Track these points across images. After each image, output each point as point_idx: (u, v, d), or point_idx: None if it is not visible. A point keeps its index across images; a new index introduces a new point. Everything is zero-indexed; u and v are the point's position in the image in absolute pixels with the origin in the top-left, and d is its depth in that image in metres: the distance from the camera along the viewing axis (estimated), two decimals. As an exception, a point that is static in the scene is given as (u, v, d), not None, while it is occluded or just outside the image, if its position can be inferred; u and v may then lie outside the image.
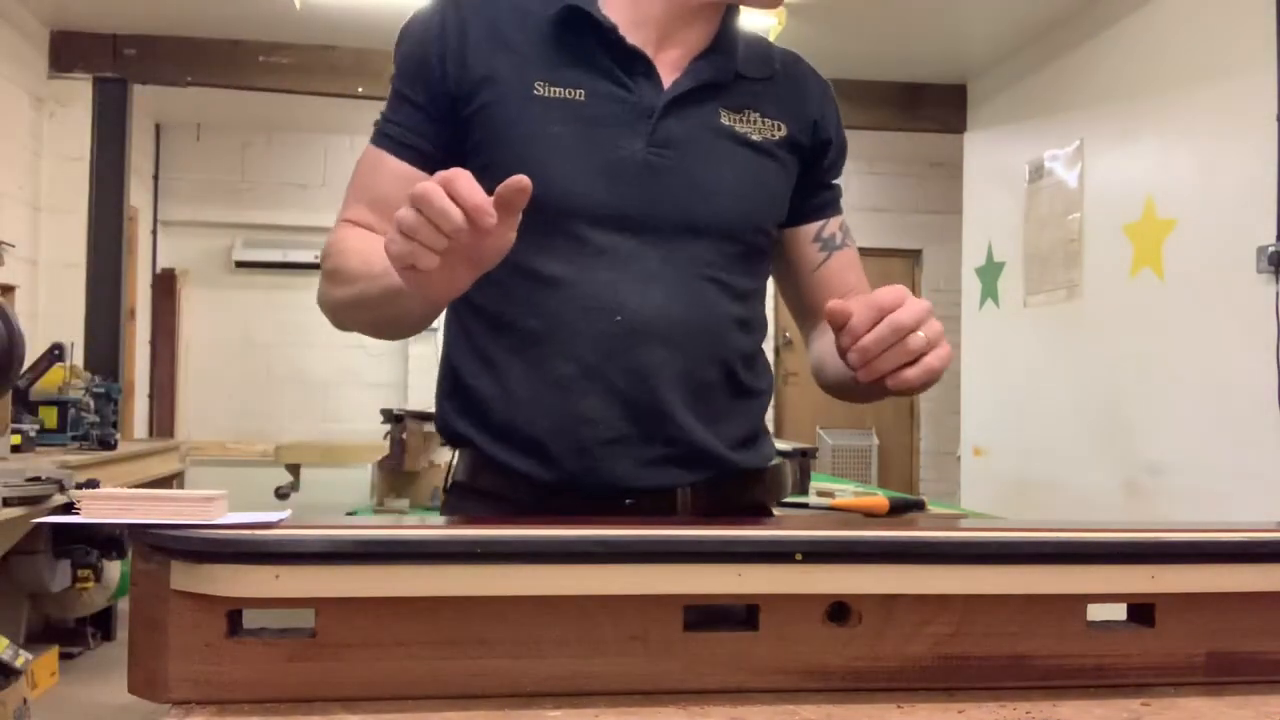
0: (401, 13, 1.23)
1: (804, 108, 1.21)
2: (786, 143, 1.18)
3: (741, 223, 1.15)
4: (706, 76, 1.14)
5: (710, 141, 1.13)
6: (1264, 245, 3.56)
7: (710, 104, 1.14)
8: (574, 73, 1.10)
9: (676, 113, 1.11)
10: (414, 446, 3.07)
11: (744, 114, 1.16)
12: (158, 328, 6.89)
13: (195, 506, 0.75)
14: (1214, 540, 0.84)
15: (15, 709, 2.64)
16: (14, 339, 3.41)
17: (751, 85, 1.17)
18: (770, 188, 1.18)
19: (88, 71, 5.37)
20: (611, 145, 1.09)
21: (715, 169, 1.12)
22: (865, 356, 0.95)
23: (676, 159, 1.11)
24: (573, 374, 1.08)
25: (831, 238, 1.24)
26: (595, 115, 1.09)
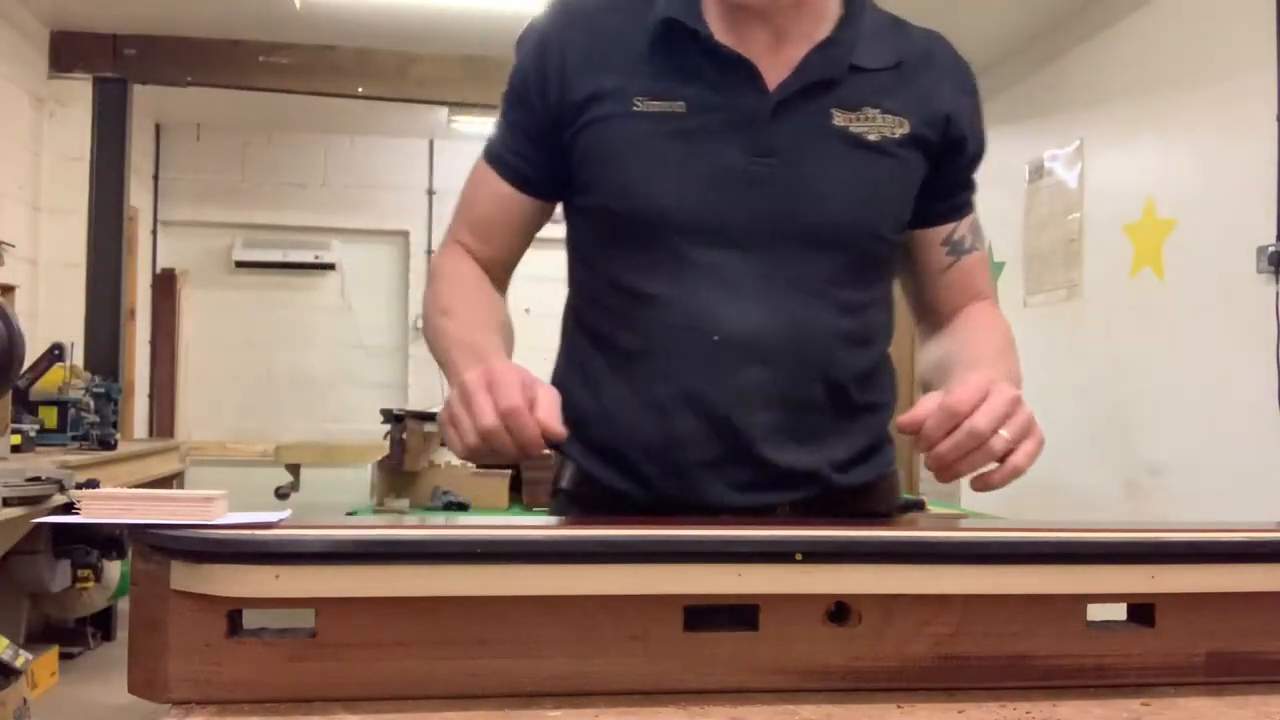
0: (401, 13, 1.25)
1: (934, 100, 1.11)
2: (910, 140, 1.09)
3: (853, 232, 1.08)
4: (816, 74, 1.06)
5: (820, 146, 1.06)
6: (1264, 245, 3.56)
7: (822, 103, 1.06)
8: (674, 84, 1.06)
9: (783, 117, 1.05)
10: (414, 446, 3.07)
11: (860, 111, 1.07)
12: (158, 328, 6.89)
13: (195, 506, 0.75)
14: (1214, 540, 0.84)
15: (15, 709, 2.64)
16: (14, 339, 3.41)
17: (872, 77, 1.08)
18: (888, 192, 1.10)
19: (88, 71, 5.37)
20: (712, 157, 1.05)
21: (825, 175, 1.06)
22: (942, 463, 0.90)
23: (781, 167, 1.05)
24: (669, 394, 1.06)
25: (960, 241, 1.16)
26: (696, 127, 1.05)
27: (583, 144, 1.08)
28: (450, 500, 3.04)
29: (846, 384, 1.10)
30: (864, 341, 1.13)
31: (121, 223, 5.45)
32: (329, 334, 7.31)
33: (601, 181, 1.08)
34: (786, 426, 1.07)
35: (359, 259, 7.34)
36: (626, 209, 1.06)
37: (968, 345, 1.12)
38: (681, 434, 1.06)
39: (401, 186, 7.33)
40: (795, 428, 1.08)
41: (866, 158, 1.07)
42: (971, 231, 1.18)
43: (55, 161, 5.32)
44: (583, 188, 1.10)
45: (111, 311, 5.37)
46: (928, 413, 0.90)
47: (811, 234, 1.06)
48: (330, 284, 7.33)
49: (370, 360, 7.33)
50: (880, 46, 1.10)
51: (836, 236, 1.07)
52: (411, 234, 7.33)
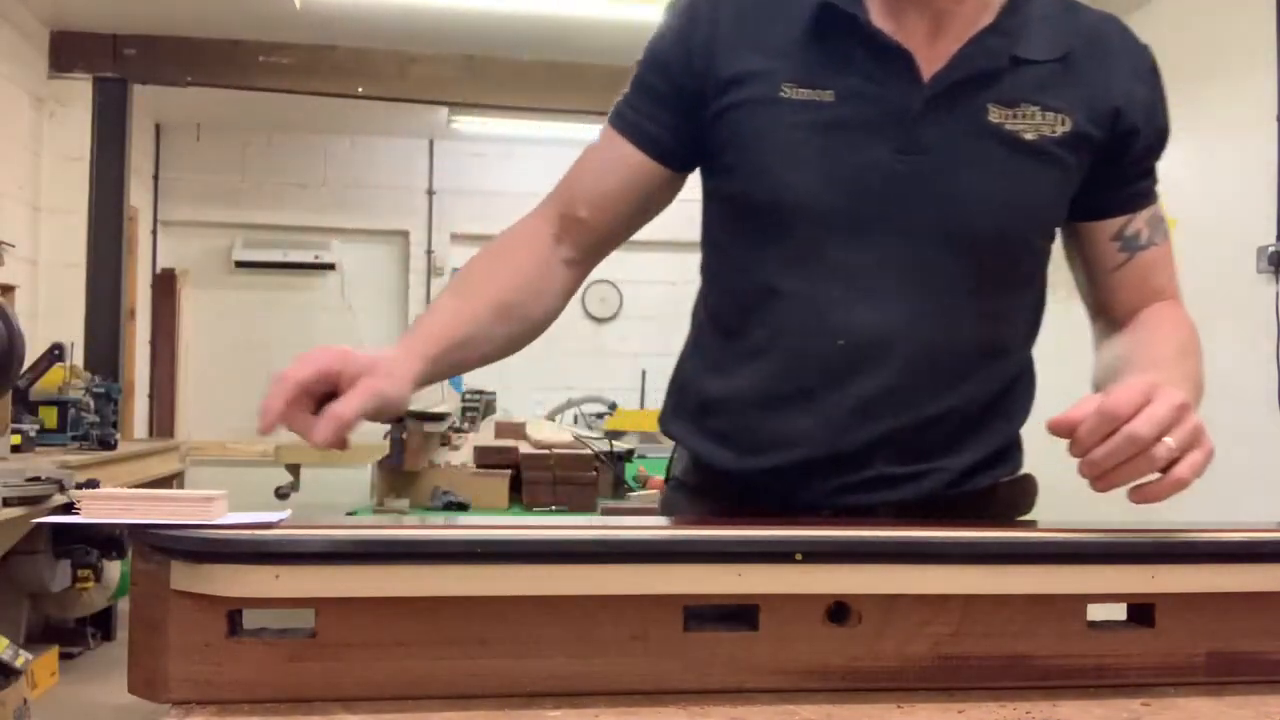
0: (401, 13, 1.23)
1: (1103, 92, 1.03)
2: (1071, 139, 1.02)
3: (1000, 239, 1.02)
4: (974, 67, 0.99)
5: (972, 145, 1.00)
6: (1264, 245, 3.56)
7: (978, 98, 1.00)
8: (825, 72, 1.00)
9: (936, 112, 0.99)
10: (414, 446, 3.07)
11: (1018, 108, 1.00)
12: (158, 328, 6.89)
13: (195, 506, 0.75)
14: (1214, 540, 0.84)
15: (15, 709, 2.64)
16: (14, 339, 3.41)
17: (1035, 70, 1.01)
18: (1041, 197, 1.04)
19: (88, 71, 5.36)
20: (857, 151, 0.99)
21: (974, 177, 1.00)
22: (1096, 470, 0.83)
23: (930, 166, 0.99)
24: (789, 394, 1.04)
25: (1135, 236, 1.08)
26: (842, 118, 1.00)
27: (725, 127, 1.04)
28: (450, 500, 3.04)
29: (978, 397, 1.06)
30: (1002, 352, 1.08)
31: (121, 223, 5.45)
32: (329, 334, 7.30)
33: (741, 168, 1.03)
34: (906, 437, 1.03)
35: (359, 259, 7.34)
36: (764, 199, 1.03)
37: (1142, 347, 1.05)
38: (795, 436, 1.03)
39: (401, 186, 7.33)
40: (916, 439, 1.03)
41: (1021, 159, 1.01)
42: (1149, 225, 1.09)
43: (55, 161, 5.32)
44: (722, 172, 1.07)
45: (111, 311, 5.37)
46: (1083, 415, 0.83)
47: (955, 239, 1.01)
48: (330, 284, 7.33)
49: (370, 360, 7.32)
50: (1046, 35, 1.02)
51: (981, 243, 1.01)
52: (411, 234, 7.33)
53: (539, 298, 1.09)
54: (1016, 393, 1.11)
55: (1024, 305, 1.10)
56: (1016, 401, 1.12)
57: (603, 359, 7.68)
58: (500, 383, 6.90)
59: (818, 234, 1.01)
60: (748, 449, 1.07)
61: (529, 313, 1.08)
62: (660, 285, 7.83)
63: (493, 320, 1.04)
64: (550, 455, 3.17)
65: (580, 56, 5.38)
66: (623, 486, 3.33)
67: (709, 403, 1.10)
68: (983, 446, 1.08)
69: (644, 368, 7.65)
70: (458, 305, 1.04)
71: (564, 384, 7.40)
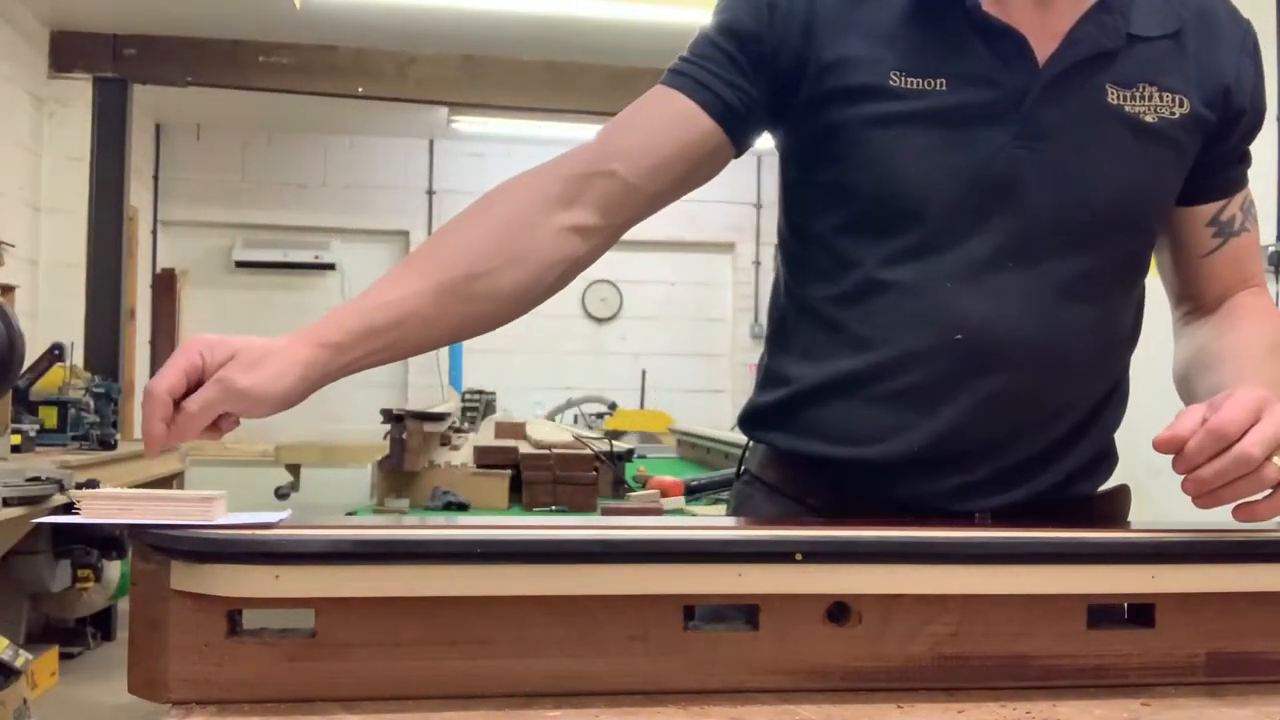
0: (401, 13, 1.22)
1: (1214, 71, 0.99)
2: (1189, 121, 0.98)
3: (1123, 227, 0.98)
4: (1090, 47, 0.95)
5: (1093, 129, 0.95)
6: (1264, 245, 3.56)
7: (1096, 79, 0.95)
8: (935, 59, 0.95)
9: (1053, 96, 0.95)
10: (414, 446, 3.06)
11: (1137, 89, 0.96)
12: (158, 328, 6.89)
13: (195, 506, 0.75)
14: (1214, 540, 0.84)
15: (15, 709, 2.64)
16: (14, 339, 3.41)
17: (1149, 48, 0.97)
18: (1163, 184, 1.00)
19: (88, 71, 5.37)
20: (974, 141, 0.95)
21: (1097, 163, 0.96)
22: (1203, 489, 0.82)
23: (1050, 153, 0.95)
24: (896, 389, 0.98)
25: (1229, 221, 1.04)
26: (957, 107, 0.95)
27: (830, 114, 0.98)
28: (450, 500, 3.03)
29: (1089, 396, 1.03)
30: (1111, 350, 1.04)
31: (121, 223, 5.46)
32: (329, 334, 7.30)
33: (850, 158, 0.97)
34: (1018, 438, 0.99)
35: (359, 259, 7.35)
36: (878, 191, 0.97)
37: (1232, 346, 1.01)
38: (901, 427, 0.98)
39: (401, 186, 7.34)
40: (1028, 440, 0.99)
41: (1143, 143, 0.96)
42: (1243, 210, 1.05)
43: (55, 161, 5.33)
44: (826, 161, 1.00)
45: (111, 311, 5.38)
46: (1190, 430, 0.81)
47: (1077, 229, 0.96)
48: (330, 284, 7.34)
49: (370, 360, 7.33)
50: (1157, 10, 0.98)
51: (1104, 232, 0.97)
52: (411, 234, 7.33)
53: (512, 266, 0.95)
54: (1116, 397, 1.08)
55: (1131, 303, 1.05)
56: (1116, 406, 1.08)
57: (603, 359, 7.69)
58: (500, 383, 6.91)
59: (934, 226, 0.96)
60: (847, 439, 1.00)
61: (496, 286, 0.95)
62: (660, 285, 7.84)
63: (440, 297, 0.93)
64: (550, 455, 3.17)
65: (580, 56, 5.38)
66: (623, 486, 3.33)
67: (803, 393, 1.03)
68: (1088, 449, 1.05)
69: (644, 368, 7.66)
70: (398, 279, 0.94)
71: (564, 384, 7.41)
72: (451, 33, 5.27)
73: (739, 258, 7.88)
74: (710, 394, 7.78)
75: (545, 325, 7.52)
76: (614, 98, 5.95)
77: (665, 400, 7.41)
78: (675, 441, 5.41)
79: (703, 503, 3.21)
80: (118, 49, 5.38)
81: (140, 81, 5.49)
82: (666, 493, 3.16)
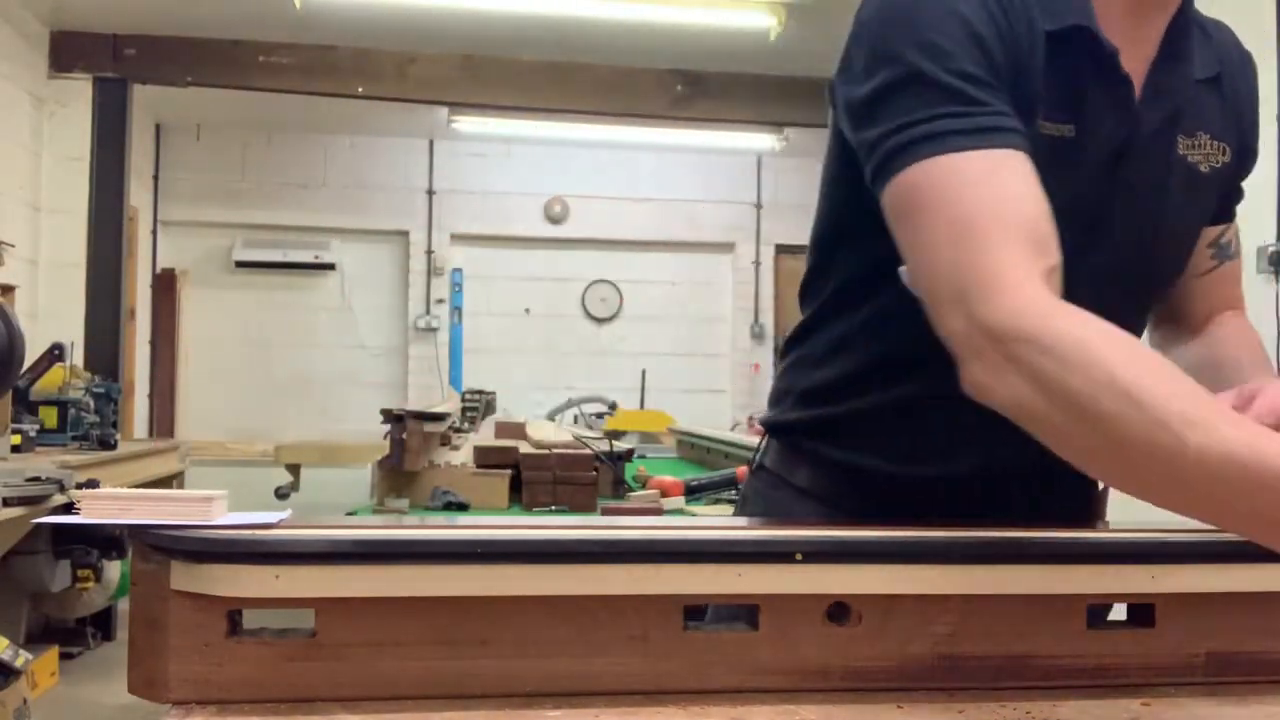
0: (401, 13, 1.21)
1: (1238, 115, 1.01)
2: (1228, 168, 1.00)
3: (1172, 273, 1.02)
4: (1174, 102, 0.94)
5: (1166, 181, 0.96)
6: (1264, 245, 3.56)
7: (1171, 130, 0.95)
8: (1069, 103, 0.91)
9: (1142, 147, 0.94)
10: (414, 446, 3.06)
11: (1195, 138, 0.97)
12: (158, 328, 6.89)
13: (195, 506, 0.75)
14: (1214, 540, 0.84)
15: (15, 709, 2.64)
16: (14, 339, 3.41)
17: (1202, 91, 0.97)
18: (1200, 224, 1.03)
19: (88, 71, 5.37)
20: (1083, 184, 0.92)
21: (1163, 212, 0.96)
22: None
23: (1132, 202, 0.95)
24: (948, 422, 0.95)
25: (1227, 245, 1.07)
26: (1079, 155, 0.92)
27: None
28: (450, 500, 3.03)
29: None
30: None
31: (121, 223, 5.46)
32: (329, 334, 7.31)
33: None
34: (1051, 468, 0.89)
35: (359, 259, 7.35)
36: None
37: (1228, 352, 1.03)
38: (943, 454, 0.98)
39: (401, 186, 7.34)
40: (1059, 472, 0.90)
41: (1197, 194, 0.98)
42: (1236, 236, 1.09)
43: (55, 161, 5.33)
44: None
45: (111, 311, 5.38)
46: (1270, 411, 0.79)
47: (1138, 276, 0.98)
48: (330, 284, 7.34)
49: (370, 360, 7.34)
50: (1203, 50, 0.97)
51: (1157, 278, 1.01)
52: (411, 234, 7.33)
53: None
54: None
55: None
56: None
57: (603, 359, 7.68)
58: (500, 383, 6.91)
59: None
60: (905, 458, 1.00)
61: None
62: (660, 285, 7.83)
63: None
64: (550, 455, 3.17)
65: (580, 56, 5.38)
66: (623, 486, 3.33)
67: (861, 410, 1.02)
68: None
69: (644, 368, 7.65)
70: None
71: (564, 384, 7.41)
72: (451, 33, 5.27)
73: (739, 258, 7.87)
74: (710, 394, 7.78)
75: (545, 325, 7.53)
76: (614, 98, 5.96)
77: (665, 400, 7.41)
78: (675, 441, 5.41)
79: (703, 503, 3.21)
80: (118, 49, 5.38)
81: (140, 81, 5.49)
82: (666, 493, 3.16)
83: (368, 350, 7.33)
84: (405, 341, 7.33)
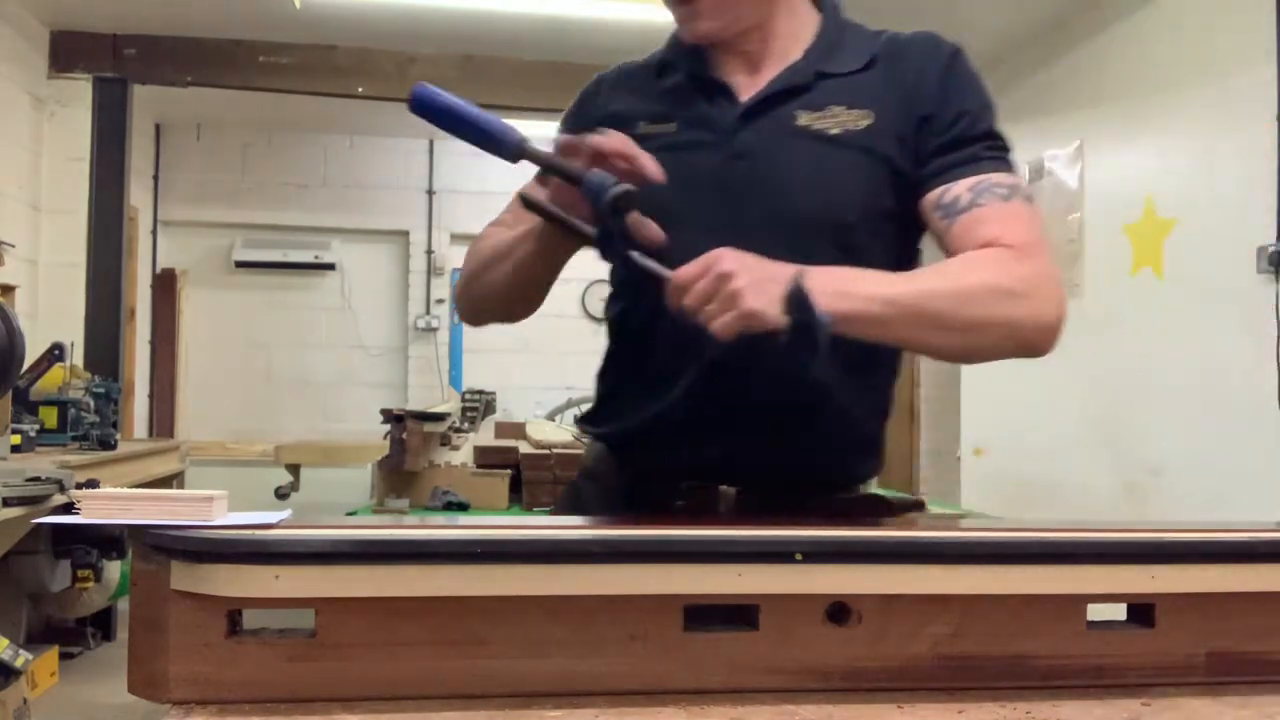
0: (401, 13, 1.25)
1: (900, 86, 1.20)
2: (874, 130, 1.18)
3: (817, 219, 1.16)
4: (781, 85, 1.20)
5: (785, 144, 1.18)
6: (1264, 245, 3.56)
7: (788, 108, 1.19)
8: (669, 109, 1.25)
9: (752, 124, 1.19)
10: (414, 446, 3.07)
11: (825, 110, 1.19)
12: (158, 328, 6.89)
13: (195, 506, 0.75)
14: (1214, 540, 0.84)
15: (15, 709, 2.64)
16: (14, 339, 3.41)
17: (840, 80, 1.21)
18: (850, 180, 1.18)
19: (88, 71, 5.36)
20: (694, 164, 1.18)
21: (787, 169, 1.17)
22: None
23: (751, 167, 1.18)
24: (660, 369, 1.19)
25: (952, 203, 1.17)
26: (684, 141, 1.21)
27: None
28: (450, 500, 3.04)
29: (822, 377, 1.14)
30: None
31: (121, 223, 5.45)
32: (329, 334, 7.31)
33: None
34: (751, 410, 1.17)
35: (359, 259, 7.34)
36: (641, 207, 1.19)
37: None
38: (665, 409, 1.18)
39: (401, 186, 7.33)
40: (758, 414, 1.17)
41: (828, 150, 1.17)
42: (973, 191, 1.17)
43: (55, 161, 5.32)
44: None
45: (111, 311, 5.37)
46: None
47: (776, 221, 1.15)
48: (330, 284, 7.33)
49: (370, 360, 7.33)
50: (852, 54, 1.23)
51: (800, 224, 1.16)
52: (411, 234, 7.33)
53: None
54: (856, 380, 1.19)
55: None
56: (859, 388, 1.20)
57: (602, 359, 7.67)
58: (500, 383, 6.90)
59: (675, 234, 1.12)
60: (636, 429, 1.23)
61: None
62: (660, 285, 7.81)
63: None
64: (550, 455, 3.17)
65: (580, 56, 5.38)
66: (623, 486, 3.33)
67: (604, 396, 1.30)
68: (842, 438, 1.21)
69: (644, 368, 7.64)
70: None
71: (564, 384, 7.40)
72: (451, 33, 5.27)
73: (739, 258, 7.86)
74: (710, 394, 7.76)
75: (545, 325, 7.52)
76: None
77: (665, 400, 7.38)
78: (675, 441, 5.39)
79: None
80: (118, 49, 5.37)
81: (140, 81, 5.48)
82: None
83: (368, 350, 7.33)
84: (405, 341, 7.33)
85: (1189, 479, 3.84)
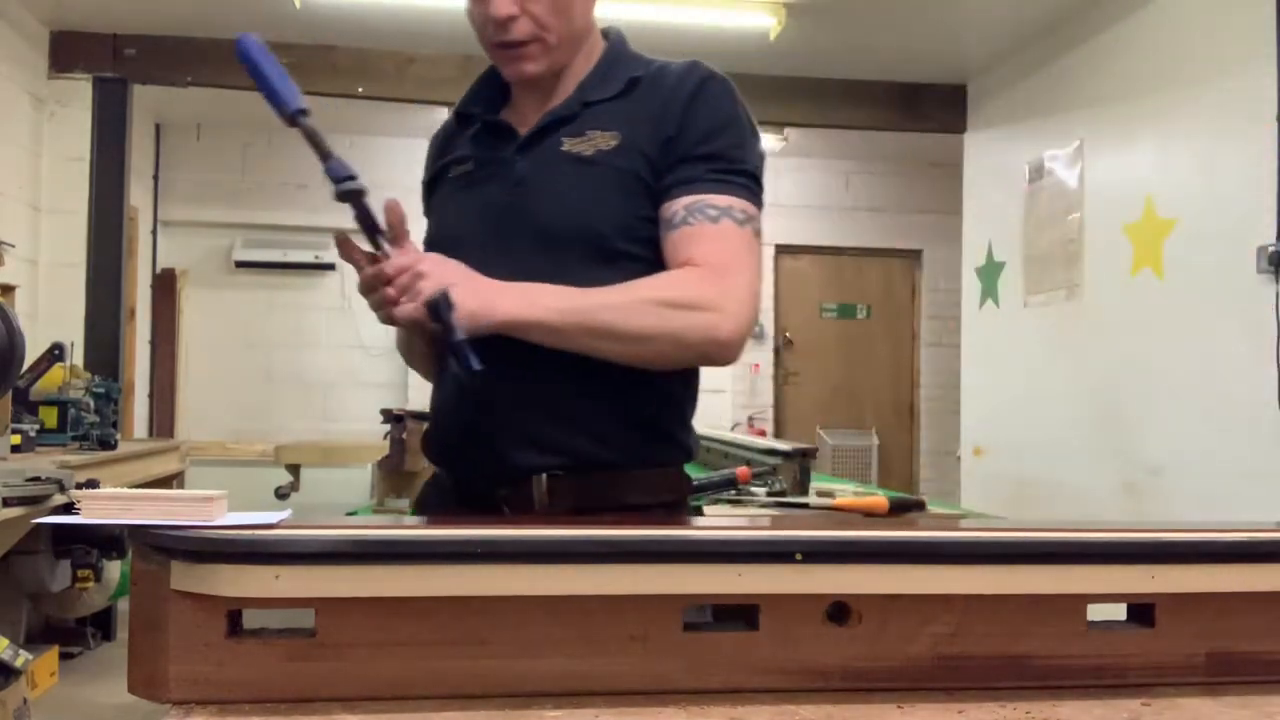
0: (401, 13, 1.27)
1: (646, 111, 1.31)
2: (622, 149, 1.29)
3: (574, 230, 1.28)
4: (550, 117, 1.33)
5: (551, 169, 1.30)
6: (1264, 245, 3.56)
7: (554, 138, 1.32)
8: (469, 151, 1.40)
9: (527, 155, 1.33)
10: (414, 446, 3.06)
11: (584, 135, 1.31)
12: (158, 328, 6.89)
13: (195, 506, 0.75)
14: (1214, 540, 0.84)
15: (15, 709, 2.64)
16: (14, 339, 3.41)
17: (598, 107, 1.33)
18: (604, 196, 1.29)
19: (88, 71, 5.36)
20: (480, 195, 1.35)
21: (551, 190, 1.29)
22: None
23: (524, 191, 1.31)
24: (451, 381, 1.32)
25: (670, 218, 1.28)
26: (478, 177, 1.37)
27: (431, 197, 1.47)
28: (450, 500, 3.03)
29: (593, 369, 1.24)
30: None
31: (121, 223, 5.45)
32: (329, 334, 7.31)
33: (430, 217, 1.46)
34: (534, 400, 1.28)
35: (359, 259, 7.34)
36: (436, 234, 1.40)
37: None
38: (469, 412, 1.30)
39: (401, 186, 7.33)
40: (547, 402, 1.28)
41: (584, 171, 1.29)
42: (687, 209, 1.27)
43: (55, 161, 5.32)
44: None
45: (111, 311, 5.37)
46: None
47: (542, 239, 1.27)
48: (330, 284, 7.34)
49: (370, 360, 7.33)
50: (611, 81, 1.34)
51: (560, 236, 1.27)
52: (411, 234, 7.33)
53: None
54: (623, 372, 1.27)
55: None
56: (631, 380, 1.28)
57: (603, 359, 7.67)
58: (500, 383, 6.90)
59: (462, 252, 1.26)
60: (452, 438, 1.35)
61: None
62: (660, 285, 7.82)
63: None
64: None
65: (580, 56, 5.38)
66: (623, 486, 3.34)
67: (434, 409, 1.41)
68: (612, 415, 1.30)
69: (644, 368, 7.64)
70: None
71: (564, 384, 7.39)
72: (451, 33, 5.27)
73: (739, 258, 7.87)
74: (710, 394, 7.75)
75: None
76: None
77: (665, 400, 7.39)
78: (675, 441, 5.39)
79: (703, 502, 3.20)
80: (118, 49, 5.37)
81: (140, 81, 5.48)
82: (666, 493, 3.15)
83: (368, 350, 7.33)
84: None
85: (1189, 479, 3.84)
